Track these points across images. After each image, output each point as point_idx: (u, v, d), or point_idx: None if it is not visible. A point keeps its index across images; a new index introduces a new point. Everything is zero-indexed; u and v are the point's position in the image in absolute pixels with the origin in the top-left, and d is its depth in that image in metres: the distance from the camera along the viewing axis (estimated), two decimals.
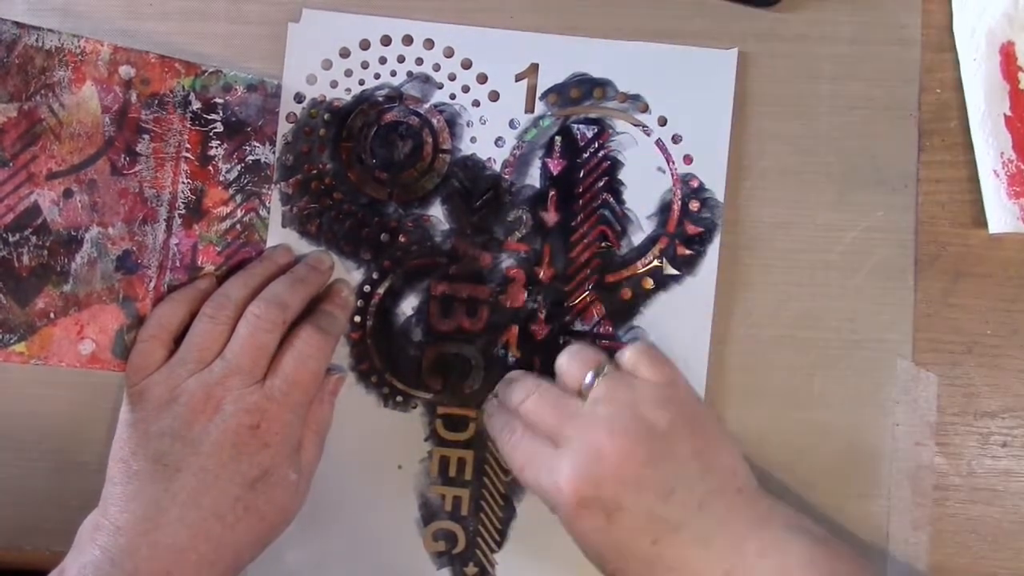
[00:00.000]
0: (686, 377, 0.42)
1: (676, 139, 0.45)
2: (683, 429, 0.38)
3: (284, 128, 0.46)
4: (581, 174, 0.45)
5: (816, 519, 0.40)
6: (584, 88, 0.45)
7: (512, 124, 0.45)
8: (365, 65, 0.46)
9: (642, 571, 0.38)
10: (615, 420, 0.38)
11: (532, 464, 0.39)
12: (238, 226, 0.45)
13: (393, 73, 0.46)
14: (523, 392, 0.41)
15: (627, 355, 0.41)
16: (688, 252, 0.45)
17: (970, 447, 0.44)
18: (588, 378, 0.40)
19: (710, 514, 0.37)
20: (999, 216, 0.44)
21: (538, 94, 0.45)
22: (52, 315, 0.40)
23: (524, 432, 0.40)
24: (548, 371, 0.45)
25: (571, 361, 0.41)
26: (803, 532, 0.38)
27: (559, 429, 0.39)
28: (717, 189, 0.45)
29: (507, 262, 0.45)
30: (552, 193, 0.45)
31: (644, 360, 0.40)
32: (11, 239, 0.39)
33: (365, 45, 0.46)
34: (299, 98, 0.46)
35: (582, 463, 0.37)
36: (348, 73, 0.46)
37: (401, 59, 0.46)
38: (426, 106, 0.46)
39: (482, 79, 0.46)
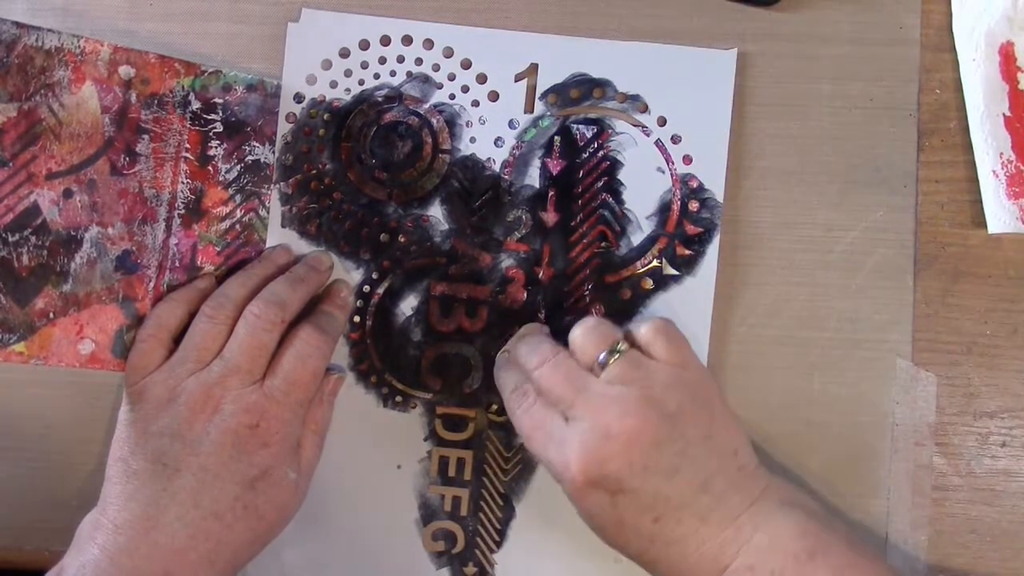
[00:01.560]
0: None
1: (676, 139, 0.45)
2: (692, 411, 0.39)
3: (284, 128, 0.46)
4: (580, 174, 0.45)
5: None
6: (584, 88, 0.45)
7: (511, 124, 0.45)
8: (365, 65, 0.46)
9: (642, 545, 0.38)
10: (627, 401, 0.38)
11: (541, 434, 0.39)
12: (238, 226, 0.45)
13: (393, 73, 0.46)
14: (539, 358, 0.41)
15: (643, 332, 0.41)
16: (687, 252, 0.45)
17: (969, 447, 0.44)
18: (602, 356, 0.39)
19: (711, 494, 0.38)
20: (998, 216, 0.44)
21: (538, 94, 0.45)
22: (52, 315, 0.40)
23: (536, 400, 0.40)
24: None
25: (586, 337, 0.40)
26: (798, 507, 0.39)
27: (571, 403, 0.39)
28: (716, 189, 0.45)
29: (507, 262, 0.45)
30: (551, 193, 0.45)
31: (660, 340, 0.40)
32: (11, 239, 0.39)
33: (365, 45, 0.46)
34: (299, 98, 0.46)
35: (591, 442, 0.37)
36: (348, 73, 0.46)
37: (401, 59, 0.46)
38: (426, 106, 0.46)
39: (481, 79, 0.46)
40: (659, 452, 0.37)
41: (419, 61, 0.46)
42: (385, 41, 0.46)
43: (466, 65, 0.46)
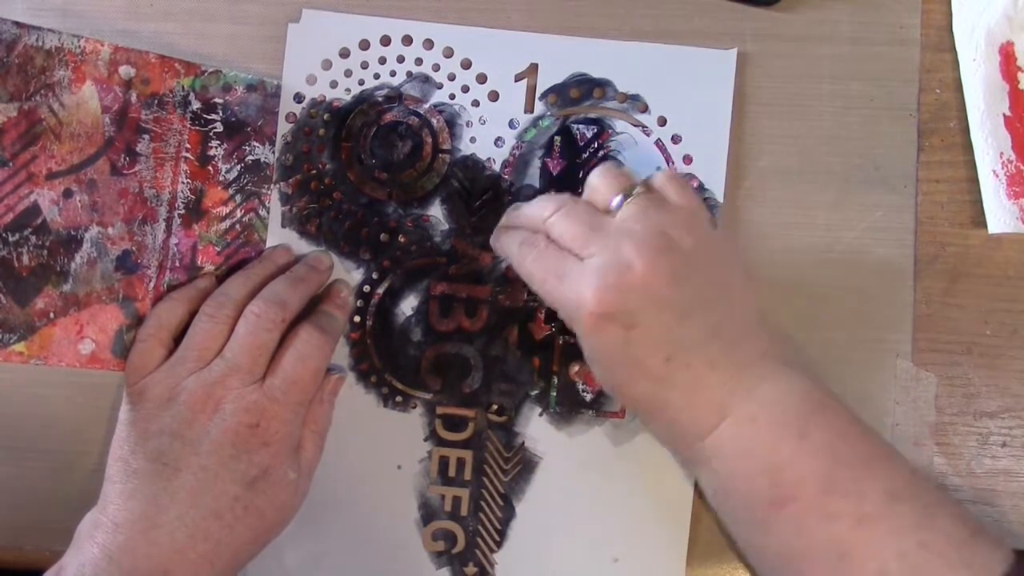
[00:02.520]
0: None
1: (676, 139, 0.45)
2: (705, 254, 0.38)
3: (284, 128, 0.46)
4: (581, 174, 0.45)
5: None
6: (584, 88, 0.45)
7: (512, 124, 0.45)
8: (365, 65, 0.46)
9: (648, 388, 0.38)
10: (645, 237, 0.37)
11: (555, 275, 0.38)
12: (238, 226, 0.45)
13: (393, 73, 0.46)
14: (551, 206, 0.40)
15: (657, 178, 0.40)
16: None
17: (969, 447, 0.44)
18: (618, 199, 0.39)
19: (721, 339, 0.37)
20: (998, 216, 0.44)
21: (538, 94, 0.45)
22: (52, 315, 0.40)
23: (548, 245, 0.39)
24: (547, 370, 0.45)
25: (602, 180, 0.40)
26: (803, 368, 0.39)
27: (586, 242, 0.38)
28: (717, 189, 0.45)
29: (507, 262, 0.45)
30: (552, 193, 0.45)
31: (674, 185, 0.40)
32: (11, 239, 0.39)
33: (365, 45, 0.46)
34: (299, 98, 0.46)
35: (609, 275, 0.37)
36: (348, 73, 0.46)
37: (401, 59, 0.46)
38: (426, 106, 0.46)
39: (482, 79, 0.46)
40: (674, 289, 0.37)
41: (419, 61, 0.46)
42: (385, 41, 0.46)
43: (466, 65, 0.46)
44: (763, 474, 0.37)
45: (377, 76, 0.46)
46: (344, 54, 0.46)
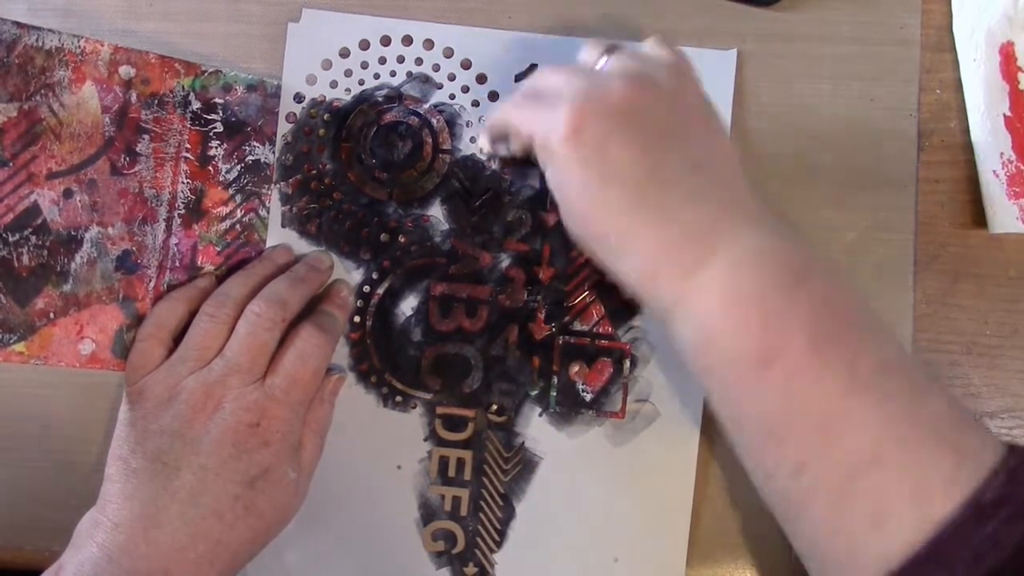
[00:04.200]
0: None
1: None
2: (688, 98, 0.37)
3: (284, 128, 0.46)
4: None
5: None
6: None
7: None
8: (365, 65, 0.46)
9: (623, 216, 0.35)
10: (625, 74, 0.36)
11: (536, 114, 0.37)
12: (238, 226, 0.45)
13: (393, 73, 0.46)
14: (535, 77, 0.39)
15: (648, 41, 0.40)
16: None
17: None
18: (604, 58, 0.38)
19: (704, 175, 0.35)
20: (999, 216, 0.44)
21: None
22: (52, 315, 0.40)
23: (531, 95, 0.38)
24: (547, 370, 0.45)
25: (588, 45, 0.40)
26: (777, 225, 0.36)
27: (569, 84, 0.36)
28: None
29: (507, 262, 0.45)
30: (552, 193, 0.45)
31: (657, 43, 0.39)
32: (11, 239, 0.39)
33: (365, 45, 0.46)
34: (299, 98, 0.46)
35: (586, 95, 0.35)
36: (348, 73, 0.46)
37: (401, 59, 0.46)
38: (426, 106, 0.46)
39: (482, 79, 0.46)
40: (655, 120, 0.35)
41: (419, 61, 0.46)
42: (385, 41, 0.46)
43: (466, 65, 0.46)
44: (749, 324, 0.33)
45: (377, 76, 0.46)
46: (344, 54, 0.46)
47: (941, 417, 0.32)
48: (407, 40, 0.46)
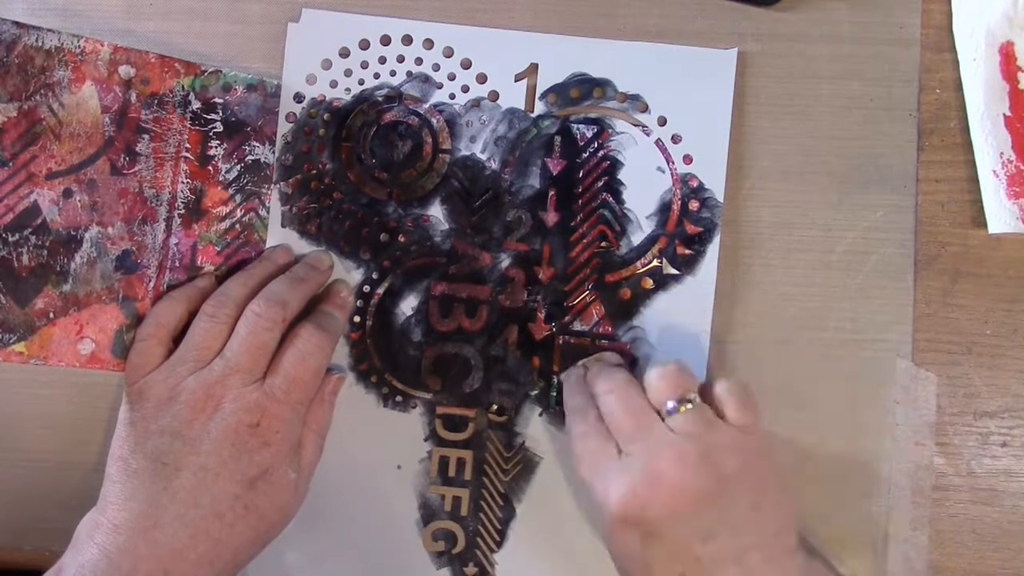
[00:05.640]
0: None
1: (676, 139, 0.45)
2: (747, 480, 0.38)
3: (284, 128, 0.46)
4: (581, 174, 0.45)
5: (815, 519, 0.39)
6: (584, 88, 0.45)
7: (512, 124, 0.45)
8: (365, 65, 0.46)
9: None
10: (684, 453, 0.37)
11: (591, 463, 0.39)
12: (238, 226, 0.45)
13: (393, 73, 0.46)
14: (608, 384, 0.40)
15: (718, 389, 0.40)
16: (688, 252, 0.45)
17: (970, 447, 0.44)
18: (671, 404, 0.39)
19: (743, 565, 0.37)
20: (999, 216, 0.44)
21: (538, 94, 0.45)
22: (52, 315, 0.40)
23: (596, 425, 0.40)
24: (547, 370, 0.45)
25: (660, 381, 0.39)
26: None
27: (629, 438, 0.38)
28: (717, 189, 0.45)
29: (507, 262, 0.45)
30: (552, 193, 0.45)
31: (733, 401, 0.39)
32: (11, 239, 0.39)
33: (365, 45, 0.46)
34: (299, 98, 0.46)
35: (637, 483, 0.37)
36: (348, 73, 0.46)
37: (401, 59, 0.46)
38: (426, 106, 0.46)
39: (482, 79, 0.46)
40: (702, 511, 0.37)
41: (419, 61, 0.46)
42: (385, 41, 0.46)
43: (466, 65, 0.46)
44: None
45: (377, 76, 0.46)
46: (344, 54, 0.46)
47: None
48: (407, 40, 0.46)
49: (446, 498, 0.45)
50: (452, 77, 0.46)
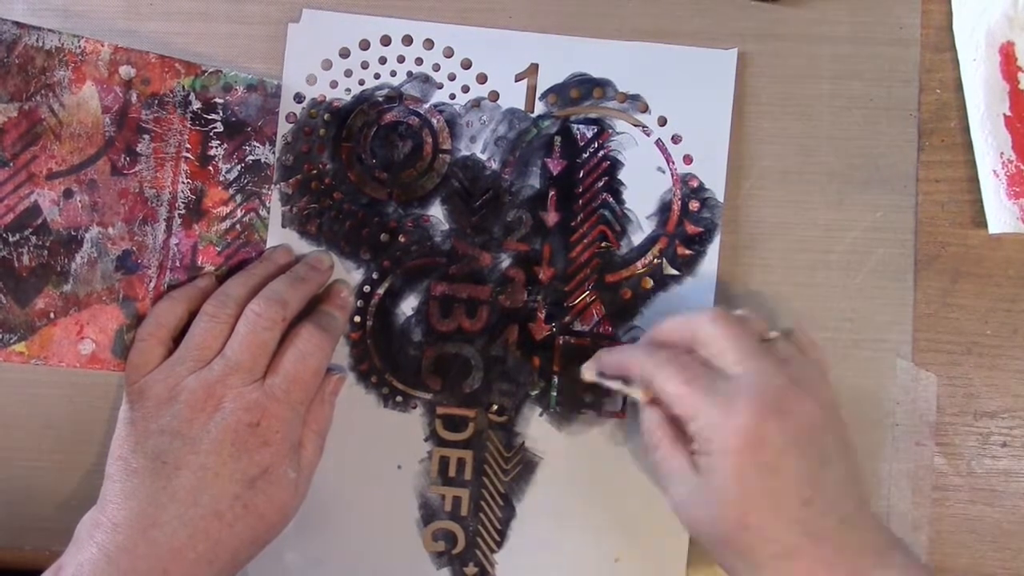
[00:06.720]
0: None
1: (676, 139, 0.45)
2: (837, 411, 0.38)
3: (284, 128, 0.46)
4: (581, 174, 0.45)
5: None
6: (584, 88, 0.45)
7: (512, 124, 0.45)
8: (365, 65, 0.46)
9: (779, 529, 0.35)
10: (801, 380, 0.36)
11: (701, 384, 0.36)
12: (238, 226, 0.45)
13: (393, 73, 0.46)
14: (686, 319, 0.39)
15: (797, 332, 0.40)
16: (688, 252, 0.45)
17: (970, 447, 0.44)
18: (775, 334, 0.39)
19: (853, 497, 0.36)
20: (999, 216, 0.44)
21: (538, 94, 0.45)
22: (52, 315, 0.40)
23: (694, 357, 0.38)
24: (548, 370, 0.45)
25: (748, 318, 0.39)
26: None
27: (741, 356, 0.36)
28: (717, 189, 0.45)
29: (507, 262, 0.45)
30: (552, 193, 0.45)
31: (811, 344, 0.40)
32: (11, 239, 0.39)
33: (365, 45, 0.46)
34: (299, 98, 0.46)
35: (772, 406, 0.35)
36: (348, 73, 0.46)
37: (401, 59, 0.46)
38: (426, 106, 0.46)
39: (482, 79, 0.46)
40: (823, 437, 0.36)
41: (419, 61, 0.46)
42: (385, 41, 0.46)
43: (466, 65, 0.46)
44: None
45: (377, 76, 0.46)
46: (344, 54, 0.46)
47: None
48: (407, 40, 0.46)
49: (446, 498, 0.45)
50: (452, 77, 0.46)
